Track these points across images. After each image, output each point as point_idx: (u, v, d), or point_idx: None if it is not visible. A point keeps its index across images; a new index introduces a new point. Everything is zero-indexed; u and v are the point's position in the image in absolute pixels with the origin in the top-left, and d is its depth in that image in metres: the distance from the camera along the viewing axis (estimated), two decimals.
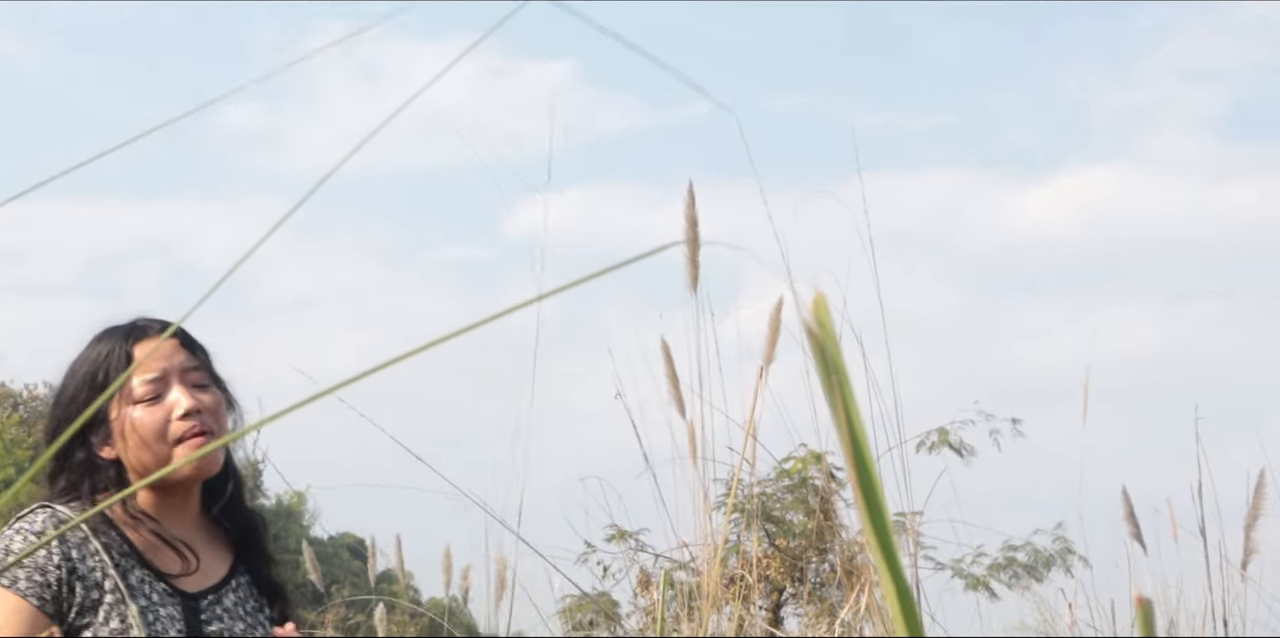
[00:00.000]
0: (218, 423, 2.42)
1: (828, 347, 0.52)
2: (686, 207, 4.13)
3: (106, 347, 2.42)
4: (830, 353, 0.52)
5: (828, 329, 0.52)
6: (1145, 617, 0.53)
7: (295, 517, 33.82)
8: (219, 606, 2.44)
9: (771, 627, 5.56)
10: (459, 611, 7.23)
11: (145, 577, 2.38)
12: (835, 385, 0.52)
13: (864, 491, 0.50)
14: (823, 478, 6.77)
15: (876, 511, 0.51)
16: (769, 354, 4.33)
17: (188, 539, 2.45)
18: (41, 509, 2.36)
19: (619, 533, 6.38)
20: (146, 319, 2.47)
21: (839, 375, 0.52)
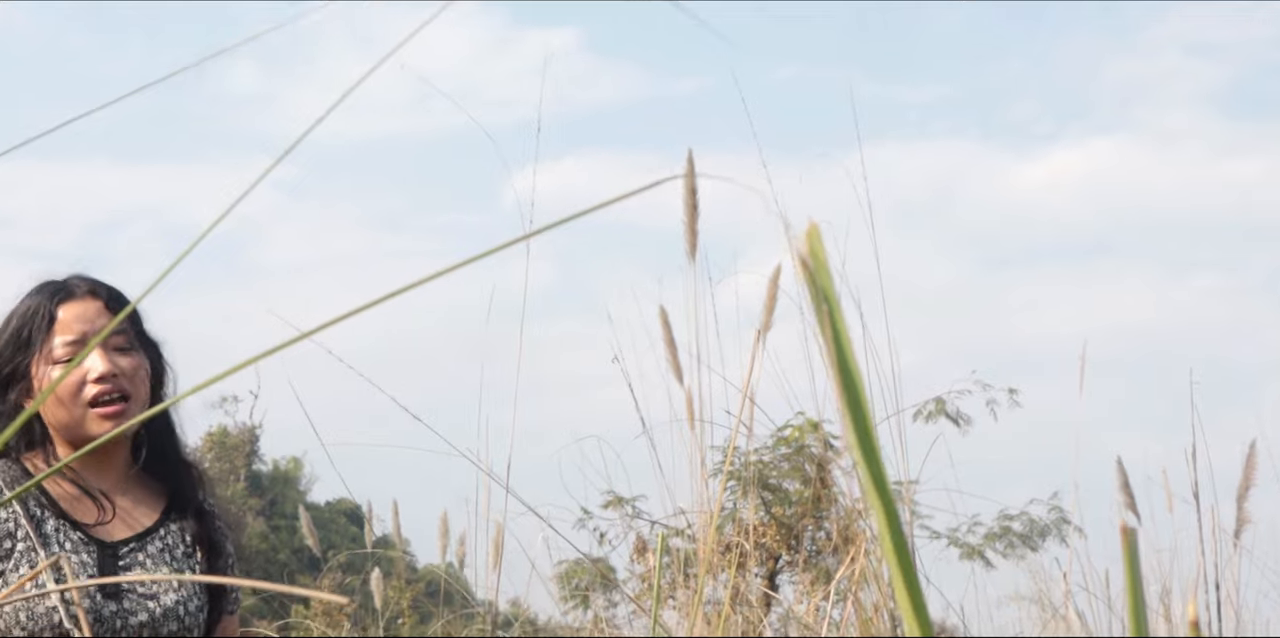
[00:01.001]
0: (134, 386, 2.46)
1: (820, 277, 0.52)
2: (685, 175, 4.13)
3: (33, 303, 2.47)
4: (822, 283, 0.52)
5: (820, 260, 0.53)
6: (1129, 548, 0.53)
7: (292, 482, 33.88)
8: (141, 552, 2.47)
9: (765, 595, 5.58)
10: (455, 576, 7.25)
11: (60, 526, 2.42)
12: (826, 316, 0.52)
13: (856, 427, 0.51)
14: (820, 447, 6.78)
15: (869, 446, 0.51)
16: (766, 321, 4.33)
17: (111, 490, 2.50)
18: None
19: (615, 499, 6.39)
20: (79, 278, 2.51)
21: (830, 305, 0.52)
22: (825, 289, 0.52)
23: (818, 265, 0.52)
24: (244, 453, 32.08)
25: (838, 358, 0.51)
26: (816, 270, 0.52)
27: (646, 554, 6.06)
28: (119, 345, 2.46)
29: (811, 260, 0.52)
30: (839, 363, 0.51)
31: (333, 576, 13.65)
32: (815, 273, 0.52)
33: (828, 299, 0.52)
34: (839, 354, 0.51)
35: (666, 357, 4.51)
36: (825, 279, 0.52)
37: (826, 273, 0.52)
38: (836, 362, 0.51)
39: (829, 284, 0.52)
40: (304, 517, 8.17)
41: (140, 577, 2.40)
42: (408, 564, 15.25)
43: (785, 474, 6.85)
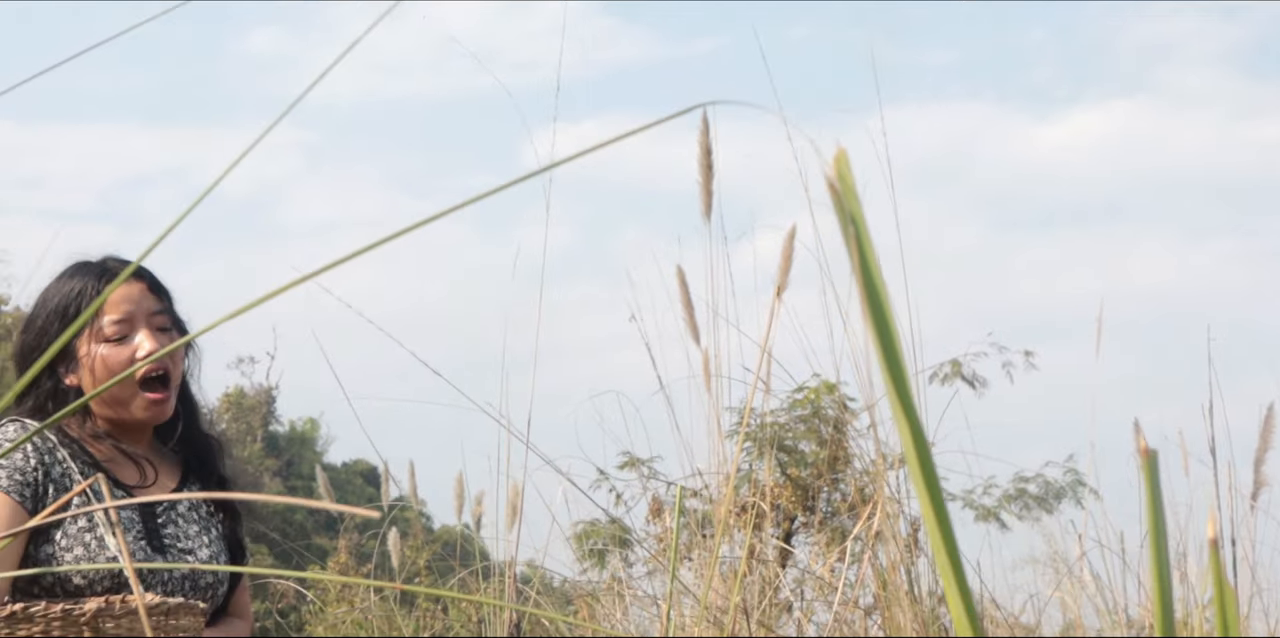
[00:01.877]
0: (174, 365, 2.66)
1: (847, 200, 0.52)
2: (700, 134, 4.12)
3: (79, 283, 2.63)
4: (850, 206, 0.52)
5: (848, 183, 0.52)
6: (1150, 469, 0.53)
7: (309, 443, 34.02)
8: (173, 511, 2.65)
9: (781, 555, 5.59)
10: (471, 537, 7.28)
11: (110, 485, 2.60)
12: (853, 238, 0.52)
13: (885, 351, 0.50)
14: (835, 408, 6.78)
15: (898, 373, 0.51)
16: (782, 280, 4.32)
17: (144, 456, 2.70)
18: (11, 422, 2.58)
19: (631, 460, 6.40)
20: (117, 260, 2.68)
21: (858, 228, 0.52)
22: (853, 212, 0.52)
23: (845, 189, 0.52)
24: (261, 414, 32.21)
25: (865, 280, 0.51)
26: (844, 194, 0.52)
27: (663, 515, 6.08)
28: (161, 326, 2.62)
29: (839, 184, 0.51)
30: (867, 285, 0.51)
31: (349, 536, 13.73)
32: (843, 196, 0.52)
33: (855, 222, 0.52)
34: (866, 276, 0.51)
35: (683, 317, 4.51)
36: (853, 203, 0.52)
37: (854, 197, 0.52)
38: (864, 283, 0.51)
39: (857, 207, 0.52)
40: (321, 477, 8.20)
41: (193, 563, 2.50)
42: (424, 526, 15.32)
43: (801, 436, 6.86)
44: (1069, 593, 5.02)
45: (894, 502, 3.82)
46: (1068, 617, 5.05)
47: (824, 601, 4.70)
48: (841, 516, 6.67)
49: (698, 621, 3.11)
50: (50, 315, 2.62)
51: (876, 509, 3.65)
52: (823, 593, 4.75)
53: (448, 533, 17.00)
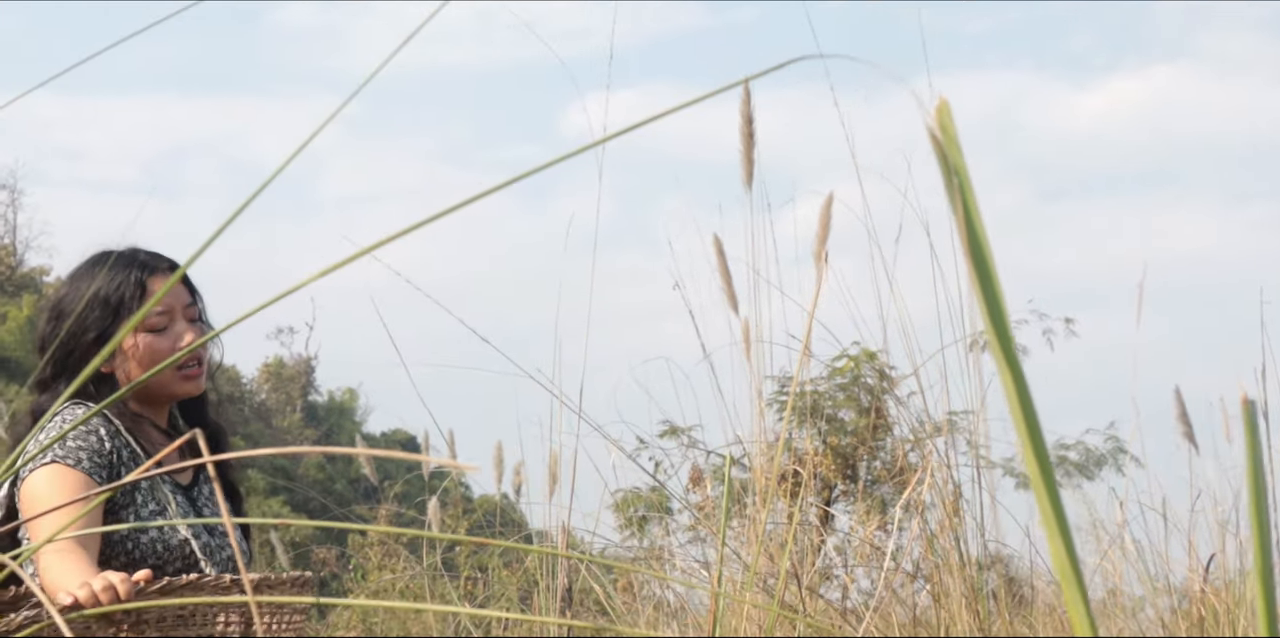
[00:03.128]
0: (206, 353, 2.85)
1: (950, 151, 0.52)
2: (741, 103, 4.10)
3: (120, 275, 2.79)
4: (953, 157, 0.52)
5: (950, 134, 0.52)
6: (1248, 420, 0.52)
7: (348, 413, 34.19)
8: (202, 495, 2.84)
9: (822, 523, 5.59)
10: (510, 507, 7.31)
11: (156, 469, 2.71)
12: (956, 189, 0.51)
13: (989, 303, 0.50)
14: (875, 377, 6.77)
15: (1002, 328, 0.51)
16: (819, 248, 4.31)
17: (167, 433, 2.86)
18: (78, 406, 2.72)
19: (671, 429, 6.41)
20: (149, 254, 2.84)
21: (961, 179, 0.51)
22: (956, 163, 0.51)
23: (948, 140, 0.51)
24: (300, 384, 32.36)
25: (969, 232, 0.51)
26: (946, 145, 0.51)
27: (702, 483, 6.09)
28: (192, 317, 2.82)
29: (942, 135, 0.51)
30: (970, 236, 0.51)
31: (389, 505, 13.81)
32: (945, 147, 0.51)
33: (958, 173, 0.51)
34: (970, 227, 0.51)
35: (721, 286, 4.51)
36: (955, 154, 0.52)
37: (957, 147, 0.52)
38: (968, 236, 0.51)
39: (959, 158, 0.52)
40: (361, 447, 8.24)
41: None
42: (463, 495, 15.38)
43: (841, 404, 6.85)
44: (1111, 561, 5.01)
45: (944, 467, 3.81)
46: (1109, 584, 5.04)
47: (870, 567, 4.70)
48: (882, 483, 6.67)
49: (747, 586, 3.12)
50: (91, 304, 2.76)
51: (926, 475, 3.64)
52: (864, 560, 4.75)
53: (487, 502, 17.08)
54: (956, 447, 4.40)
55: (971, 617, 3.35)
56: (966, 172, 0.51)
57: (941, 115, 0.52)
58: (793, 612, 3.48)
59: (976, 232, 0.51)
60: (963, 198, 0.51)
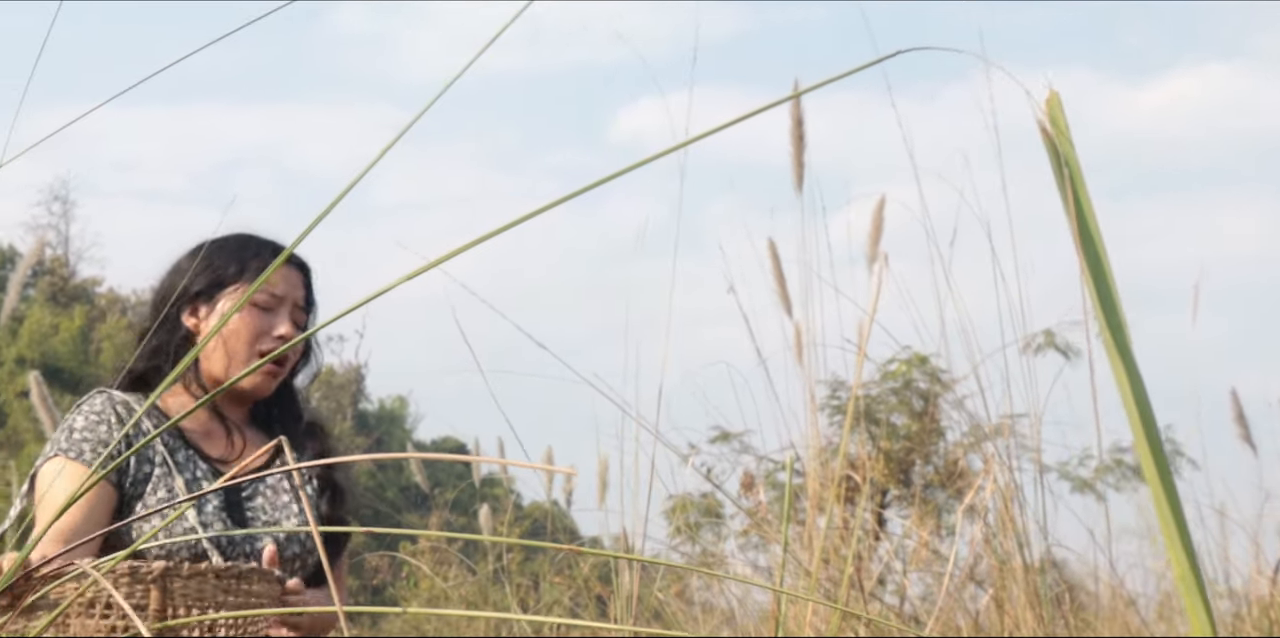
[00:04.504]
0: (294, 353, 2.70)
1: (1060, 144, 0.51)
2: (792, 106, 4.08)
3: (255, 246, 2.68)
4: (1064, 150, 0.50)
5: (1060, 126, 0.51)
6: None
7: (398, 421, 34.31)
8: (261, 482, 2.63)
9: (876, 528, 5.56)
10: (560, 514, 7.30)
11: (191, 456, 2.60)
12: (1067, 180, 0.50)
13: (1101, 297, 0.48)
14: (927, 381, 6.73)
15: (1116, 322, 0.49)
16: (872, 251, 4.28)
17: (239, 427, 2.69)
18: (99, 394, 2.59)
19: (722, 434, 6.40)
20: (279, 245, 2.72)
21: (1073, 172, 0.50)
22: (1067, 156, 0.50)
23: (1058, 133, 0.50)
24: (350, 392, 32.51)
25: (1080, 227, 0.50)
26: (1057, 137, 0.50)
27: (754, 488, 6.07)
28: (298, 320, 2.68)
29: (1052, 128, 0.50)
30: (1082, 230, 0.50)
31: (440, 513, 13.82)
32: (1056, 140, 0.50)
33: (1070, 165, 0.50)
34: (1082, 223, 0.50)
35: (775, 290, 4.49)
36: (1067, 146, 0.50)
37: (1068, 140, 0.51)
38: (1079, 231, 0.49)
39: (1071, 151, 0.50)
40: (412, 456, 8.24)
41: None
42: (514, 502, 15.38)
43: (893, 408, 6.81)
44: (1166, 564, 4.95)
45: (1007, 470, 3.78)
46: (1163, 587, 4.99)
47: (929, 572, 4.66)
48: (935, 488, 6.62)
49: (809, 593, 3.09)
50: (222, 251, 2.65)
51: (988, 479, 3.61)
52: (921, 564, 4.72)
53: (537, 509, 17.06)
54: (1011, 450, 4.37)
55: (1036, 621, 3.32)
56: (1078, 163, 0.50)
57: (1052, 107, 0.51)
58: (856, 616, 3.46)
59: (1088, 222, 0.50)
60: (1074, 189, 0.50)
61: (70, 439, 2.51)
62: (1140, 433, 0.49)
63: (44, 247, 33.69)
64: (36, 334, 29.44)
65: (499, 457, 7.98)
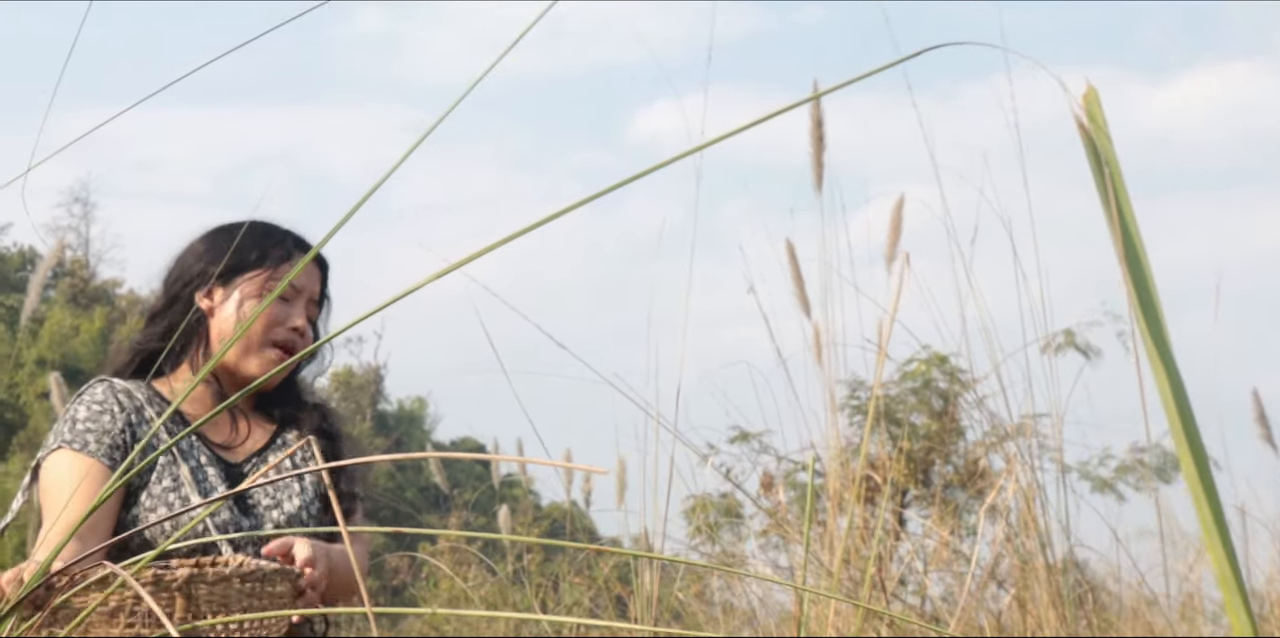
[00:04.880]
0: (303, 345, 2.65)
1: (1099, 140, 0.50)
2: (811, 107, 4.07)
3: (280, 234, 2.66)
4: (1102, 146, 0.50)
5: (1099, 123, 0.51)
6: None
7: (417, 421, 34.34)
8: (262, 464, 2.60)
9: (897, 528, 5.55)
10: (579, 514, 7.30)
11: (194, 443, 2.57)
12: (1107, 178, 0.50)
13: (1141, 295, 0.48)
14: (946, 380, 6.72)
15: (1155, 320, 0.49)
16: (890, 251, 4.27)
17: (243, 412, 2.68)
18: (100, 383, 2.56)
19: (742, 434, 6.39)
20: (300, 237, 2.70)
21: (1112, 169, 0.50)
22: (1106, 152, 0.50)
23: (1097, 129, 0.50)
24: (369, 393, 32.56)
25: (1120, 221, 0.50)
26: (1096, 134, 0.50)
27: (774, 488, 6.06)
28: (312, 315, 2.67)
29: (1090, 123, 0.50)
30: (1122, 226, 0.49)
31: (459, 513, 13.83)
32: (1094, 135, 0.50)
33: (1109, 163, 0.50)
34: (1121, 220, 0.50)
35: (794, 290, 4.48)
36: (1105, 142, 0.50)
37: (1106, 135, 0.51)
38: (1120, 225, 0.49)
39: (1109, 147, 0.50)
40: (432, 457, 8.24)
41: None
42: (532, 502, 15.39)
43: (912, 408, 6.80)
44: (1187, 565, 4.94)
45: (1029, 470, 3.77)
46: (1185, 588, 4.97)
47: (949, 572, 4.66)
48: (954, 488, 6.61)
49: (832, 592, 3.09)
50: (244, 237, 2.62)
51: (1010, 479, 3.60)
52: (942, 565, 4.71)
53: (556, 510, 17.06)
54: (1031, 450, 4.36)
55: (1059, 621, 3.31)
56: (1116, 159, 0.50)
57: (1090, 103, 0.51)
58: (878, 616, 3.45)
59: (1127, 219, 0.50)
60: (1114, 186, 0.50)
61: (74, 430, 2.48)
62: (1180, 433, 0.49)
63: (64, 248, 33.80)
64: (57, 336, 29.54)
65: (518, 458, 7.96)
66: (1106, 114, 0.58)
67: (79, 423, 2.49)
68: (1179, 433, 0.50)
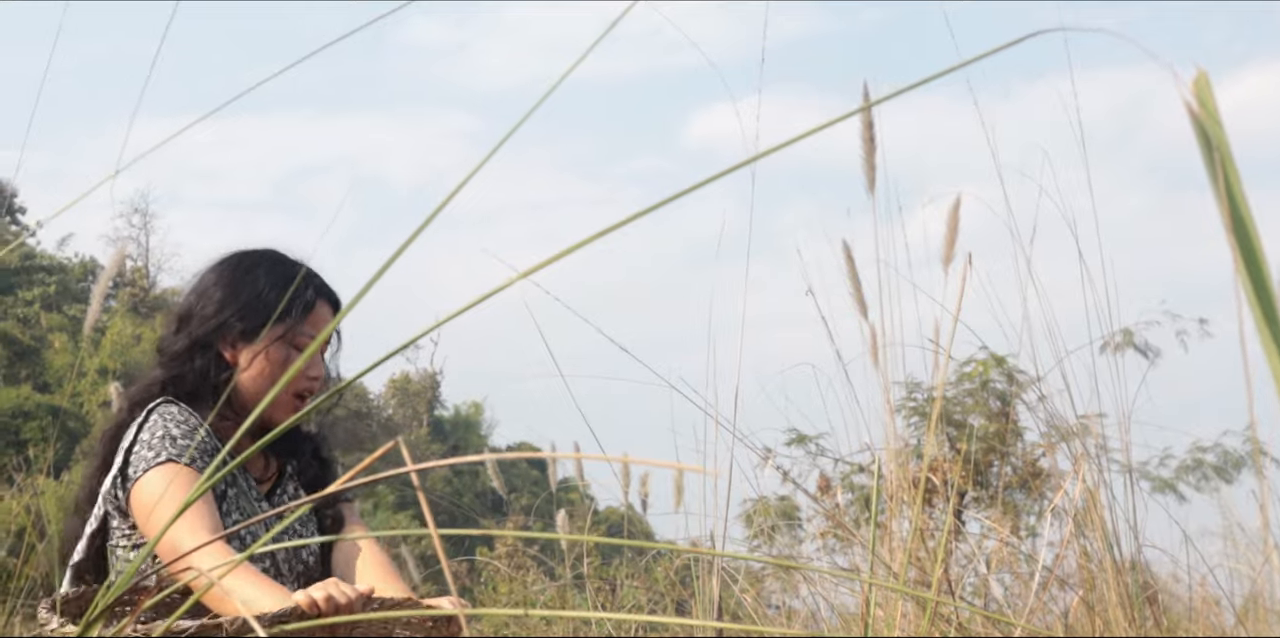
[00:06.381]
0: (321, 390, 2.78)
1: (1209, 127, 0.51)
2: (862, 107, 4.06)
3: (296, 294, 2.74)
4: (1213, 133, 0.51)
5: (1210, 108, 0.51)
6: None
7: (473, 427, 34.44)
8: (284, 499, 2.77)
9: (957, 529, 5.53)
10: (637, 518, 7.32)
11: (245, 476, 2.72)
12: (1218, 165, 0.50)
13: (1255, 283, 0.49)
14: (1004, 381, 6.69)
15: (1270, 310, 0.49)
16: (947, 252, 4.26)
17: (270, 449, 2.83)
18: (170, 403, 2.65)
19: (799, 437, 6.39)
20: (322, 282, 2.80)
21: (1224, 155, 0.50)
22: (1217, 139, 0.50)
23: (1208, 115, 0.50)
24: (426, 399, 32.69)
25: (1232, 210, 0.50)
26: (1206, 120, 0.50)
27: (831, 491, 6.05)
28: (325, 355, 2.80)
29: (1201, 110, 0.50)
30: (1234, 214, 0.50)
31: (516, 518, 13.88)
32: (1205, 122, 0.50)
33: (1220, 149, 0.50)
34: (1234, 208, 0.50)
35: (850, 292, 4.48)
36: (1216, 128, 0.51)
37: (1218, 122, 0.51)
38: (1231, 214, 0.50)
39: (1221, 133, 0.51)
40: (489, 460, 8.29)
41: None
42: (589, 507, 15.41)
43: (969, 410, 6.78)
44: (1251, 565, 4.89)
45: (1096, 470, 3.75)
46: (1252, 589, 4.93)
47: (1010, 573, 4.64)
48: (1013, 489, 6.58)
49: (898, 596, 3.08)
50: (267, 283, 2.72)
51: (1078, 478, 3.58)
52: (1002, 565, 4.69)
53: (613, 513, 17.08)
54: (1093, 450, 4.33)
55: (1128, 622, 3.29)
56: (1228, 146, 0.50)
57: (1200, 88, 0.51)
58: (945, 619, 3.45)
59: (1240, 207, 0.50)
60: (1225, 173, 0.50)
61: (177, 445, 2.55)
62: None
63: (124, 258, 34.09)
64: (118, 345, 29.83)
65: (576, 463, 8.03)
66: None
67: (177, 440, 2.55)
68: None
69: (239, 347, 2.72)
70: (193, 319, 2.74)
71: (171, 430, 2.58)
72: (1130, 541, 3.61)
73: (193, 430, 2.59)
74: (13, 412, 28.03)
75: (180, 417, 2.62)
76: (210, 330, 2.70)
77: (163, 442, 2.56)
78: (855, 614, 4.12)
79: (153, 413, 2.61)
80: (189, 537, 2.35)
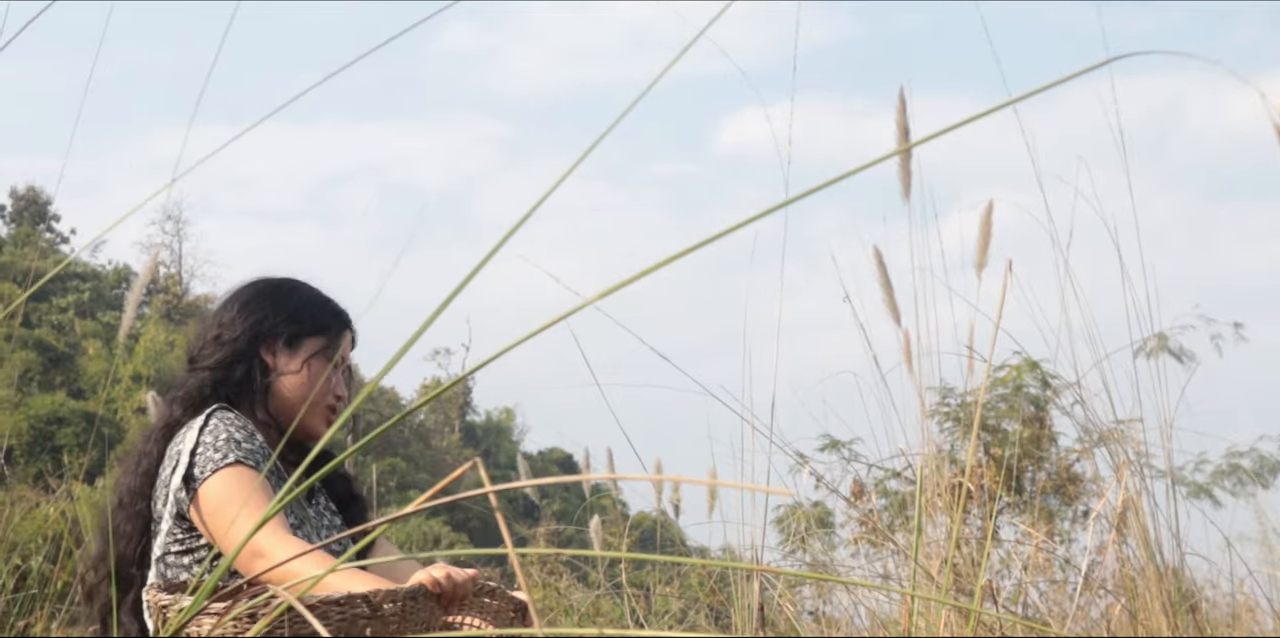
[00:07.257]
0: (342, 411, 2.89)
1: None
2: (897, 113, 4.07)
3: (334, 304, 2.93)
4: None
5: None
6: None
7: (505, 432, 34.48)
8: (319, 506, 2.88)
9: (992, 534, 5.52)
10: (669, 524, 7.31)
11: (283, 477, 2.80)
12: None
13: None
14: (1038, 386, 6.67)
15: None
16: (980, 258, 4.25)
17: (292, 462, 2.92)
18: (226, 410, 2.75)
19: (832, 442, 6.38)
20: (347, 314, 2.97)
21: None
22: None
23: None
24: (458, 405, 32.75)
25: None
26: None
27: (866, 496, 6.04)
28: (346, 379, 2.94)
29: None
30: None
31: (548, 524, 13.89)
32: None
33: None
34: None
35: (883, 298, 4.47)
36: None
37: None
38: None
39: None
40: (522, 465, 8.29)
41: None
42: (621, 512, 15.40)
43: (1003, 415, 6.76)
44: None
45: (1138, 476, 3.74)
46: None
47: (1046, 579, 4.62)
48: (1048, 494, 6.56)
49: (941, 603, 3.08)
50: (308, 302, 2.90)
51: (1120, 485, 3.57)
52: (1039, 571, 4.68)
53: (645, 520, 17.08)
54: (1129, 455, 4.32)
55: (1170, 628, 3.27)
56: None
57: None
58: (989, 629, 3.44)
59: None
60: None
61: (242, 449, 2.65)
62: None
63: (158, 265, 34.26)
64: (152, 352, 29.98)
65: (609, 469, 8.03)
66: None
67: (241, 444, 2.66)
68: None
69: (279, 354, 2.84)
70: (236, 324, 2.86)
71: (235, 434, 2.67)
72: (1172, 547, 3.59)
73: (251, 435, 2.69)
74: (47, 418, 28.20)
75: (239, 422, 2.71)
76: (256, 335, 2.83)
77: (228, 444, 2.64)
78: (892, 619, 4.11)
79: (212, 417, 2.70)
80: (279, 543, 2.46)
